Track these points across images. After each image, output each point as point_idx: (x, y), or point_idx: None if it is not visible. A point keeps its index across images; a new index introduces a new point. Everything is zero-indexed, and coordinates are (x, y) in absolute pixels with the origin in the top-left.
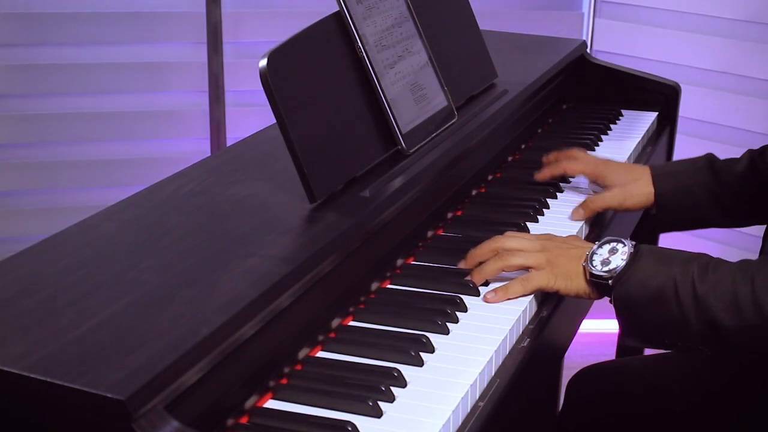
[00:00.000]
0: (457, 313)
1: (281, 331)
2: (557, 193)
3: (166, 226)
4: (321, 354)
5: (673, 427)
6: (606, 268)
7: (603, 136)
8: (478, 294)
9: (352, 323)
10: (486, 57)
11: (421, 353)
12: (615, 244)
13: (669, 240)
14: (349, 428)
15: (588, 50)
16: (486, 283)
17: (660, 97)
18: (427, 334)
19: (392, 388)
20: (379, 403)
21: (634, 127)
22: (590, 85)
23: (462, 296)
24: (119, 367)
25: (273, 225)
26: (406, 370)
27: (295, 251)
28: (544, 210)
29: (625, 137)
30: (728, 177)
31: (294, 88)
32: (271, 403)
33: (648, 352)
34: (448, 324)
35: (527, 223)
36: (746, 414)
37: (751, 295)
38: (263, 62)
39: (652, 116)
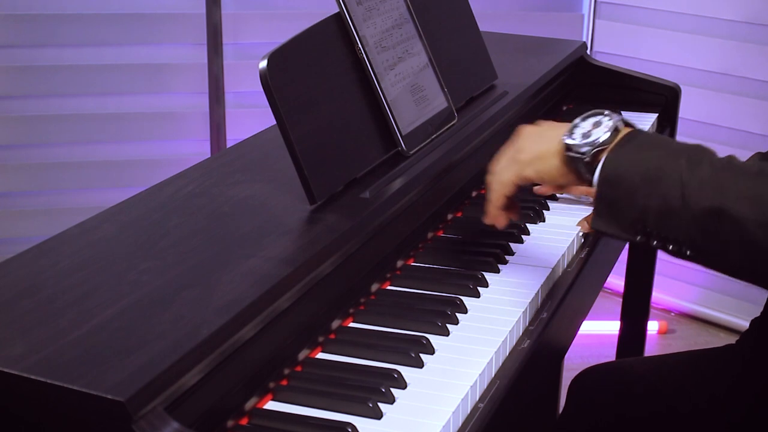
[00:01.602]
0: (457, 314)
1: (281, 333)
2: (557, 195)
3: (166, 228)
4: (321, 355)
5: (677, 428)
6: (587, 141)
7: None
8: (478, 295)
9: (352, 324)
10: (486, 58)
11: (421, 355)
12: (599, 117)
13: None
14: (349, 429)
15: (588, 51)
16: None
17: (660, 98)
18: (427, 335)
19: (392, 389)
20: (379, 404)
21: None
22: (590, 86)
23: (462, 298)
24: (119, 368)
25: (273, 226)
26: (406, 372)
27: (295, 252)
28: (543, 211)
29: None
30: None
31: (294, 90)
32: (271, 405)
33: (648, 352)
34: (448, 325)
35: (527, 225)
36: (750, 415)
37: None
38: (263, 64)
39: (652, 117)
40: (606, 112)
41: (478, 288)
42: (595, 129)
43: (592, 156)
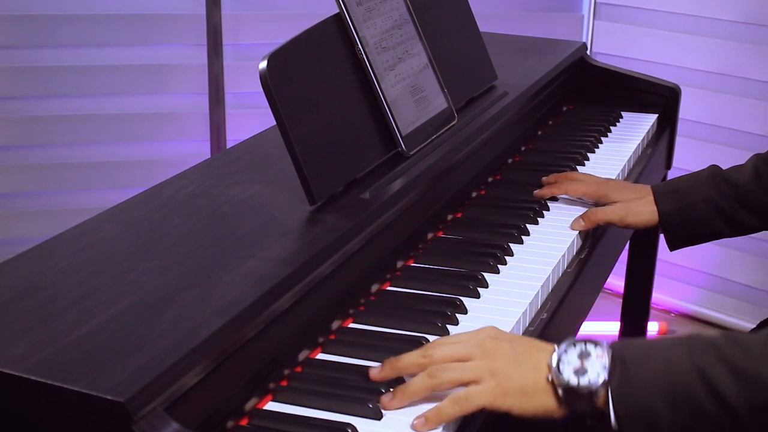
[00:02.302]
0: (457, 315)
1: (281, 333)
2: (557, 195)
3: (166, 228)
4: (321, 356)
5: None
6: (586, 381)
7: (603, 138)
8: (477, 296)
9: (352, 325)
10: (486, 59)
11: None
12: (583, 346)
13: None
14: (349, 430)
15: (588, 52)
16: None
17: (660, 98)
18: (427, 336)
19: (392, 390)
20: (379, 405)
21: (634, 129)
22: (590, 87)
23: (462, 298)
24: (119, 369)
25: (273, 227)
26: None
27: (295, 253)
28: (543, 212)
29: (625, 139)
30: (733, 189)
31: (294, 90)
32: (271, 405)
33: None
34: (448, 326)
35: (527, 225)
36: None
37: None
38: (263, 64)
39: (652, 118)
40: (586, 339)
41: (478, 289)
42: (586, 362)
43: (596, 394)
